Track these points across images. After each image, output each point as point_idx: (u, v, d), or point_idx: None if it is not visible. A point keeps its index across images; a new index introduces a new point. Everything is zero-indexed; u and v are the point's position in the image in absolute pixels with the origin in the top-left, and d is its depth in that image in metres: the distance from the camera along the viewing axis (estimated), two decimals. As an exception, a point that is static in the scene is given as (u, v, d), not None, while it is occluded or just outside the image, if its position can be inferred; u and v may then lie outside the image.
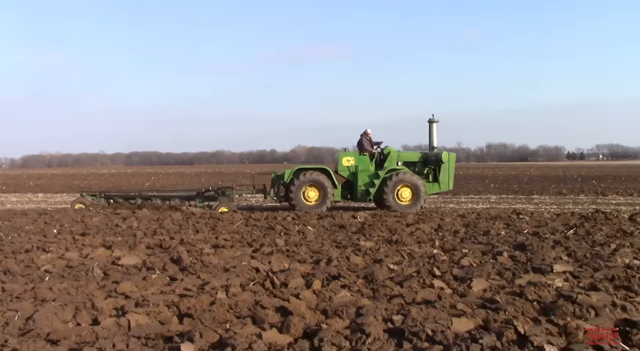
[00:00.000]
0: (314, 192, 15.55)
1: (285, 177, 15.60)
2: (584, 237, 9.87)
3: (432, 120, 16.44)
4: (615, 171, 57.93)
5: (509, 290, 5.87)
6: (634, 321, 4.57)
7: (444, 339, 4.20)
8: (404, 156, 16.52)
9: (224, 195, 16.53)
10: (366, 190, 15.75)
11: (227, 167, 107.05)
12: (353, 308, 5.02)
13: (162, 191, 20.09)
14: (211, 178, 46.19)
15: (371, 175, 15.84)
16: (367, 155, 16.14)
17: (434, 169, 16.26)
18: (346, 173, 16.11)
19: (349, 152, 16.38)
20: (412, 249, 8.58)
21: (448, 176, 16.24)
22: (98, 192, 18.04)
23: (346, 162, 16.06)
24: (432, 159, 16.21)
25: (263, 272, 6.74)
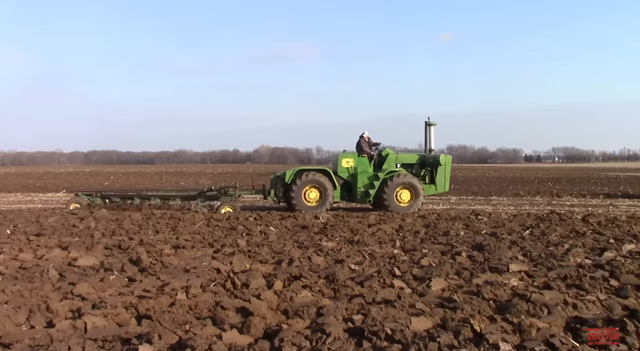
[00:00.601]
0: (314, 193, 15.64)
1: (286, 177, 15.64)
2: (539, 238, 10.16)
3: (430, 123, 16.65)
4: (570, 173, 59.77)
5: (467, 289, 6.00)
6: (584, 319, 4.74)
7: (402, 338, 4.26)
8: (402, 158, 16.74)
9: (227, 194, 16.38)
10: (366, 192, 15.89)
11: (188, 167, 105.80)
12: (314, 308, 5.04)
13: (162, 190, 19.55)
14: (172, 178, 45.55)
15: (370, 176, 16.00)
16: (365, 157, 16.30)
17: (430, 171, 16.55)
18: (345, 174, 16.23)
19: (348, 154, 16.48)
20: (373, 249, 8.66)
21: (444, 178, 16.55)
22: (94, 191, 17.56)
23: (346, 164, 16.20)
24: (430, 161, 16.48)
25: (224, 273, 6.70)
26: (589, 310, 5.06)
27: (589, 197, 24.55)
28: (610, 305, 5.19)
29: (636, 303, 5.32)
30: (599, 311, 5.06)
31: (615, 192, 27.44)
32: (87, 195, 16.59)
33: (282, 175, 16.03)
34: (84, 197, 16.44)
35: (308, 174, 15.63)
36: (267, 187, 16.71)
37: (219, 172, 66.02)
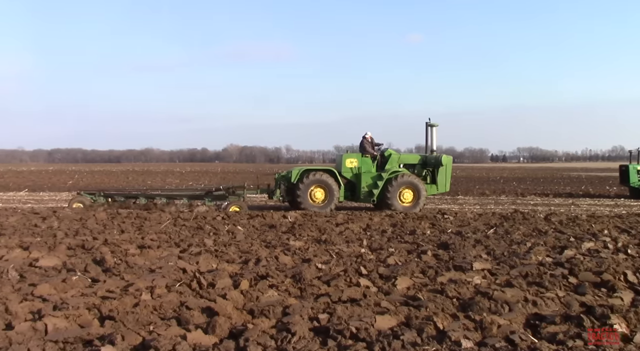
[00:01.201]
0: (320, 193, 15.77)
1: (293, 177, 15.72)
2: (503, 236, 10.36)
3: (432, 124, 16.85)
4: (534, 173, 61.13)
5: (431, 287, 6.09)
6: (543, 316, 4.88)
7: (367, 336, 4.31)
8: (404, 158, 17.04)
9: (235, 194, 16.29)
10: (369, 191, 16.05)
11: (156, 166, 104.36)
12: (280, 308, 5.05)
13: (168, 190, 19.18)
14: (139, 177, 44.92)
15: (374, 176, 16.16)
16: (369, 157, 16.48)
17: (432, 171, 16.81)
18: (349, 174, 16.39)
19: (352, 154, 16.67)
20: (341, 248, 8.71)
21: (445, 178, 16.83)
22: (97, 190, 17.16)
23: (349, 164, 16.37)
24: (432, 162, 16.71)
25: (190, 273, 6.65)
26: (548, 307, 5.20)
27: (552, 196, 25.17)
28: (569, 302, 5.34)
29: (593, 299, 5.50)
30: (558, 308, 5.20)
31: (576, 192, 28.20)
32: (90, 194, 16.27)
33: (287, 174, 16.11)
34: (86, 196, 16.14)
35: (315, 174, 15.78)
36: (272, 186, 16.73)
37: (187, 171, 65.39)
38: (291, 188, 15.96)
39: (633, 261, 7.43)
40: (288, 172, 16.32)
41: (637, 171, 23.57)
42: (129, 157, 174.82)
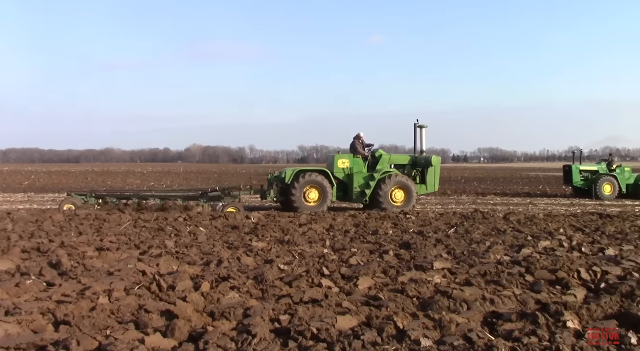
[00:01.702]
0: (314, 193, 15.89)
1: (287, 178, 15.82)
2: (464, 236, 10.55)
3: (421, 126, 17.10)
4: (494, 173, 62.41)
5: (393, 287, 6.14)
6: (500, 314, 4.98)
7: (328, 337, 4.32)
8: (395, 159, 17.28)
9: (231, 195, 16.16)
10: (362, 192, 16.23)
11: (116, 166, 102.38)
12: (241, 310, 5.01)
13: (162, 191, 18.66)
14: (99, 178, 43.98)
15: (366, 177, 16.35)
16: (360, 158, 16.67)
17: (421, 172, 17.12)
18: (341, 175, 16.53)
19: (344, 155, 16.80)
20: (304, 249, 8.71)
21: (434, 178, 17.16)
22: (88, 191, 16.87)
23: (342, 165, 16.54)
24: (422, 163, 17.00)
25: (150, 275, 6.54)
26: (505, 305, 5.31)
27: (511, 196, 25.75)
28: (525, 300, 5.47)
29: (548, 297, 5.64)
30: (514, 306, 5.32)
31: (534, 191, 28.92)
32: (81, 196, 15.92)
33: (280, 175, 16.18)
34: (77, 198, 15.76)
35: (307, 175, 15.92)
36: (265, 187, 16.75)
37: (149, 172, 64.36)
38: (285, 189, 16.03)
39: (587, 259, 7.66)
40: (281, 173, 16.39)
41: (580, 171, 24.44)
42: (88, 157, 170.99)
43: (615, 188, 23.64)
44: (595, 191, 23.50)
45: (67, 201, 15.71)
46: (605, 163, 25.02)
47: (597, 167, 24.74)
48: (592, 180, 24.02)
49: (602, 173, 24.05)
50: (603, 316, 5.00)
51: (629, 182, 24.11)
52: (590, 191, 23.71)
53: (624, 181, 23.99)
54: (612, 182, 23.70)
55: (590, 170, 24.67)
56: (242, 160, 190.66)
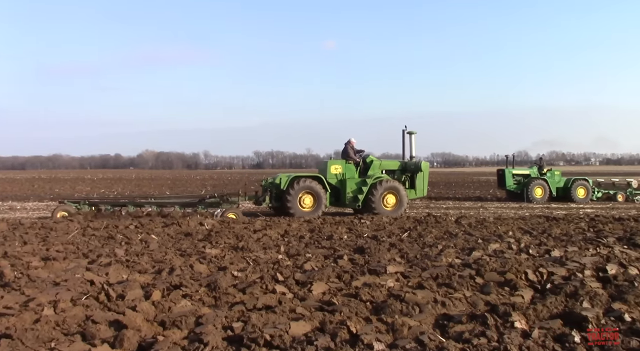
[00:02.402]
0: (309, 199, 16.22)
1: (282, 184, 16.09)
2: (416, 239, 10.70)
3: (410, 132, 17.55)
4: (447, 177, 63.71)
5: (346, 291, 6.16)
6: (451, 316, 5.07)
7: (281, 343, 4.30)
8: (385, 164, 17.65)
9: (229, 201, 16.17)
10: (354, 197, 16.58)
11: (65, 173, 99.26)
12: (192, 318, 4.93)
13: (158, 197, 18.38)
14: (46, 185, 42.52)
15: (358, 182, 16.73)
16: (352, 164, 17.04)
17: (410, 177, 17.57)
18: (334, 180, 16.87)
19: (336, 161, 17.20)
20: (258, 255, 8.64)
21: (423, 183, 17.66)
22: (81, 199, 16.79)
23: (334, 170, 16.89)
24: (412, 168, 17.45)
25: (98, 285, 6.34)
26: (456, 307, 5.41)
27: (463, 199, 26.33)
28: (475, 302, 5.59)
29: (497, 298, 5.79)
30: (465, 308, 5.43)
31: (485, 195, 29.67)
32: (74, 203, 15.67)
33: (274, 181, 16.44)
34: (71, 205, 15.50)
35: (304, 181, 16.23)
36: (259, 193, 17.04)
37: (99, 178, 62.70)
38: (280, 194, 16.28)
39: (534, 260, 7.88)
40: (274, 178, 16.64)
41: (512, 175, 25.35)
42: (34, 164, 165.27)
43: (546, 191, 24.58)
44: (526, 194, 24.37)
45: (61, 208, 15.41)
46: (536, 167, 25.96)
47: (529, 171, 25.71)
48: (524, 184, 24.91)
49: (533, 177, 24.99)
50: (549, 316, 5.16)
51: (559, 185, 25.14)
52: (522, 194, 24.56)
53: (554, 184, 24.99)
54: (542, 185, 24.64)
55: (522, 173, 25.62)
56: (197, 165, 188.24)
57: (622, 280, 6.55)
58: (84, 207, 15.55)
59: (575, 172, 55.90)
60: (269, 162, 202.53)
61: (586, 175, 32.08)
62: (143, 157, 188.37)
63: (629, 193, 25.45)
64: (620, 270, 7.00)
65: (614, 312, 5.18)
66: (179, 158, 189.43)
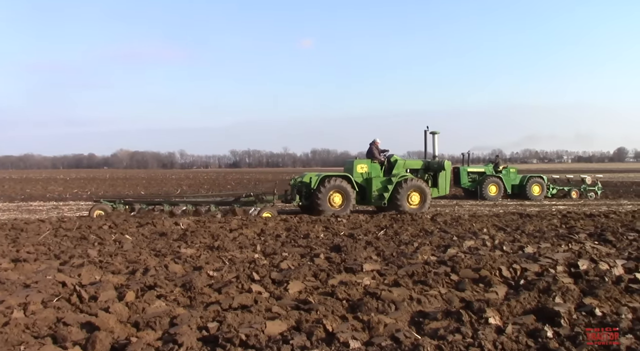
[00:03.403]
0: (338, 197, 16.54)
1: (312, 184, 16.48)
2: (392, 237, 10.75)
3: (433, 132, 17.86)
4: (423, 176, 63.95)
5: (322, 290, 6.16)
6: (426, 313, 5.10)
7: (257, 342, 4.28)
8: (409, 164, 18.05)
9: (264, 200, 16.44)
10: (380, 195, 16.94)
11: (37, 173, 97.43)
12: (167, 318, 4.88)
13: (193, 196, 18.74)
14: (17, 185, 41.66)
15: (383, 181, 17.10)
16: (377, 163, 17.38)
17: (433, 176, 17.87)
18: (360, 179, 17.19)
19: (362, 160, 17.53)
20: (234, 255, 8.59)
21: (445, 182, 17.99)
22: (117, 197, 17.06)
23: (360, 169, 17.24)
24: (435, 167, 17.81)
25: (70, 286, 6.22)
26: (431, 304, 5.45)
27: (438, 197, 26.49)
28: (450, 299, 5.64)
29: (472, 295, 5.84)
30: (440, 305, 5.47)
31: (460, 193, 29.86)
32: (110, 202, 15.94)
33: (303, 180, 16.82)
34: (107, 204, 15.73)
35: (334, 180, 16.56)
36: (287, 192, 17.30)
37: (72, 178, 61.70)
38: (310, 193, 16.60)
39: (508, 257, 7.98)
40: (301, 177, 17.07)
41: (467, 173, 25.69)
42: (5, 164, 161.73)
43: (501, 188, 24.93)
44: (480, 191, 24.69)
45: (97, 207, 15.52)
46: (492, 164, 26.31)
47: (484, 169, 26.02)
48: (478, 181, 25.24)
49: (488, 175, 25.33)
50: (522, 312, 5.23)
51: (514, 182, 25.51)
52: (477, 191, 24.89)
53: (509, 182, 25.35)
54: (497, 183, 24.98)
55: (477, 171, 25.92)
56: (172, 165, 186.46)
57: (593, 275, 6.68)
58: (120, 205, 15.78)
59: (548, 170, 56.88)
60: (245, 161, 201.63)
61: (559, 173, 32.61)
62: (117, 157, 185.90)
63: (582, 190, 25.93)
64: (592, 266, 7.13)
65: (585, 307, 5.27)
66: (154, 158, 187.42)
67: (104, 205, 15.69)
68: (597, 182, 26.80)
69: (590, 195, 25.77)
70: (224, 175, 74.09)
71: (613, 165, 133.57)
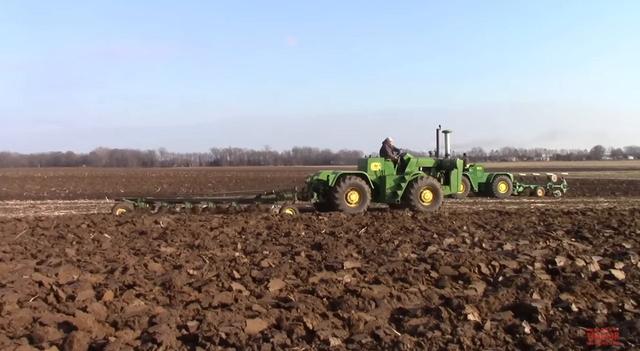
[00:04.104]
0: (355, 195, 16.74)
1: (330, 181, 16.72)
2: (373, 235, 10.79)
3: (445, 131, 18.16)
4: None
5: (303, 288, 6.16)
6: (406, 310, 5.13)
7: (237, 341, 4.26)
8: (421, 162, 18.19)
9: (285, 198, 16.66)
10: (393, 193, 17.11)
11: (13, 171, 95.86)
12: (146, 318, 4.83)
13: (214, 194, 19.19)
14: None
15: (396, 179, 17.28)
16: (390, 161, 17.64)
17: (445, 174, 18.11)
18: (374, 177, 17.38)
19: (376, 158, 17.78)
20: (214, 253, 8.54)
21: (457, 180, 18.27)
22: (138, 196, 17.45)
23: (374, 167, 17.47)
24: (447, 165, 18.02)
25: (47, 286, 6.13)
26: (411, 301, 5.49)
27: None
28: (429, 295, 5.68)
29: (451, 292, 5.89)
30: (420, 302, 5.51)
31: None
32: (132, 200, 16.14)
33: (319, 178, 17.04)
34: (129, 202, 15.94)
35: (351, 178, 16.77)
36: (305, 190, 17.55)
37: (50, 176, 60.78)
38: (328, 191, 16.82)
39: (487, 254, 8.06)
40: (317, 175, 17.31)
41: None
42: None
43: (467, 186, 25.20)
44: None
45: (120, 205, 15.73)
46: None
47: None
48: None
49: None
50: (500, 308, 5.29)
51: (481, 180, 25.81)
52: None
53: (476, 180, 25.63)
54: (463, 181, 25.24)
55: None
56: (152, 163, 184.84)
57: (570, 271, 6.78)
58: (141, 204, 15.94)
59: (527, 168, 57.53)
60: (226, 159, 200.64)
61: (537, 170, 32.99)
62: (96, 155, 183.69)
63: (549, 187, 26.27)
64: (569, 262, 7.24)
65: (562, 303, 5.35)
66: (134, 156, 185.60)
67: (126, 203, 15.88)
68: (562, 179, 27.19)
69: (556, 192, 26.11)
70: (205, 174, 73.65)
71: (590, 163, 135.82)
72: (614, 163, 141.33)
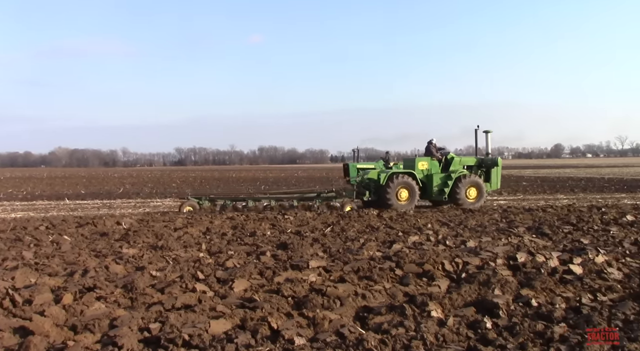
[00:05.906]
0: (405, 193, 17.42)
1: (381, 180, 17.43)
2: (339, 234, 10.82)
3: (486, 131, 18.84)
4: (369, 173, 64.70)
5: (268, 288, 6.13)
6: (371, 308, 5.16)
7: (200, 342, 4.21)
8: (464, 161, 18.94)
9: (344, 195, 17.56)
10: (440, 190, 17.85)
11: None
12: (107, 321, 4.73)
13: (275, 193, 20.04)
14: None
15: (442, 177, 18.03)
16: (435, 160, 18.43)
17: (486, 171, 18.78)
18: (421, 175, 18.14)
19: (422, 158, 18.63)
20: (178, 254, 8.43)
21: (497, 177, 18.89)
22: (203, 194, 18.21)
23: (421, 166, 18.29)
24: (488, 163, 18.71)
25: (3, 290, 5.93)
26: (376, 299, 5.51)
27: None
28: (394, 293, 5.72)
29: (415, 289, 5.95)
30: (384, 299, 5.54)
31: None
32: (197, 199, 16.92)
33: (370, 177, 18.04)
34: (194, 200, 16.68)
35: (401, 176, 17.49)
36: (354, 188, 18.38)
37: (6, 177, 59.00)
38: (379, 189, 17.48)
39: (450, 251, 8.17)
40: (365, 172, 18.62)
41: (357, 169, 26.32)
42: None
43: None
44: None
45: (187, 203, 16.51)
46: (382, 161, 26.96)
47: (374, 165, 26.61)
48: None
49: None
50: (463, 304, 5.37)
51: None
52: None
53: None
54: None
55: (366, 167, 26.48)
56: (114, 163, 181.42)
57: (531, 267, 6.93)
58: (205, 202, 16.73)
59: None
60: (191, 159, 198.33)
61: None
62: (56, 155, 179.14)
63: None
64: (529, 258, 7.39)
65: (522, 298, 5.46)
66: (95, 156, 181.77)
67: (192, 201, 16.58)
68: None
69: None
70: (168, 173, 72.66)
71: (550, 161, 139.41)
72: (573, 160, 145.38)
